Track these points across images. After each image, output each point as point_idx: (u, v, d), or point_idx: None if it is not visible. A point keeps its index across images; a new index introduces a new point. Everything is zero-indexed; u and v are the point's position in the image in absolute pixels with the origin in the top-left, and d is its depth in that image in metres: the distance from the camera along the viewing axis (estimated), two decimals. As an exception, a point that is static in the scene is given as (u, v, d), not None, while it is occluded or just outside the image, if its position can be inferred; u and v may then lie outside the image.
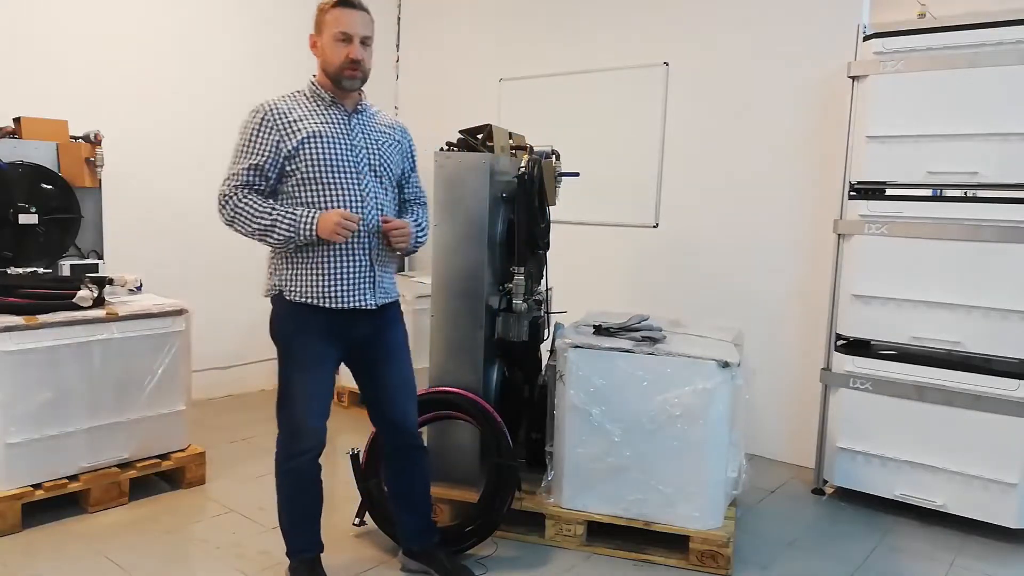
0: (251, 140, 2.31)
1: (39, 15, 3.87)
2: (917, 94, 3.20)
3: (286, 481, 2.48)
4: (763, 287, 4.01)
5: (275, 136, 2.29)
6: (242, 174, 2.30)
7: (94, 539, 2.88)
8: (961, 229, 3.13)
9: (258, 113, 2.32)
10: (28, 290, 3.01)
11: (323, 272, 2.33)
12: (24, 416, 2.90)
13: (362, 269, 2.37)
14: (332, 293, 2.33)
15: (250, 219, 2.27)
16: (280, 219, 2.26)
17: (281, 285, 2.37)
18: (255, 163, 2.30)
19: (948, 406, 3.19)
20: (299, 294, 2.34)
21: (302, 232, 2.25)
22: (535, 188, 3.08)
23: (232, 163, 2.33)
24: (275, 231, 2.26)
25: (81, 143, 3.59)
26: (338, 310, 2.35)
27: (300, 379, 2.40)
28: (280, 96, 2.37)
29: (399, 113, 5.71)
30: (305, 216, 2.26)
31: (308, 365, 2.40)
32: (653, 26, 4.36)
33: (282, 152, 2.30)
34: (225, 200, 2.30)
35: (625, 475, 2.88)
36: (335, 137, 2.34)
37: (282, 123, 2.31)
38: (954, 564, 2.96)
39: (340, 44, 2.31)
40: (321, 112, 2.37)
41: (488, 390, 3.07)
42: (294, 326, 2.38)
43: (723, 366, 2.80)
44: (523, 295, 3.05)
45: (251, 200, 2.28)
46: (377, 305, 2.42)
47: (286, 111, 2.32)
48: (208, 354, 4.40)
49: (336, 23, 2.31)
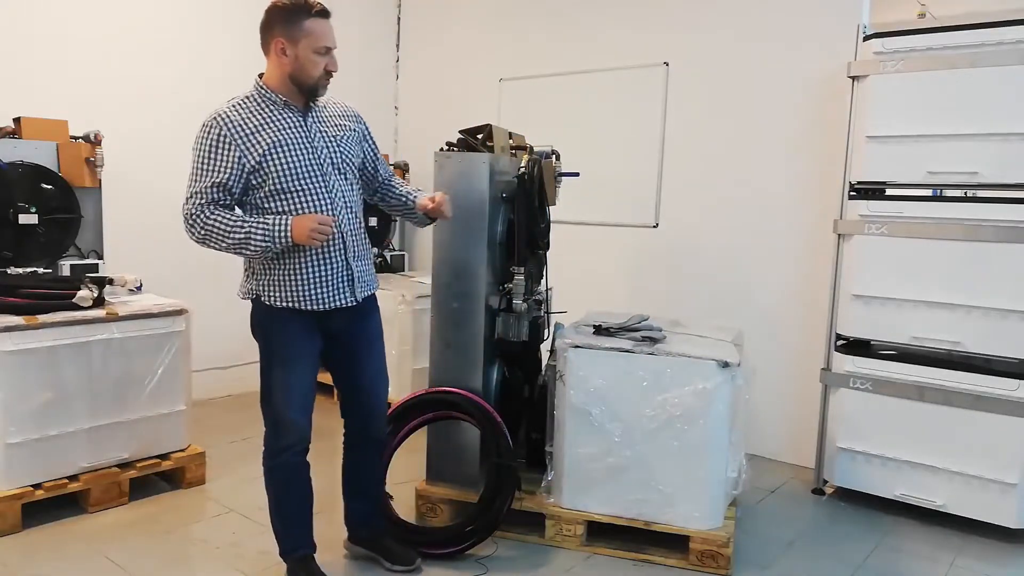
0: (210, 157, 2.26)
1: (39, 15, 3.87)
2: (917, 94, 3.20)
3: (273, 479, 2.50)
4: (763, 287, 4.01)
5: (235, 152, 2.25)
6: (206, 192, 2.26)
7: (94, 539, 2.88)
8: (961, 229, 3.13)
9: (213, 128, 2.26)
10: (28, 290, 3.00)
11: (301, 277, 2.34)
12: (24, 416, 2.90)
13: (339, 269, 2.39)
14: (311, 296, 2.36)
15: (223, 235, 2.25)
16: (253, 230, 2.24)
17: (258, 290, 2.39)
18: (218, 181, 2.26)
19: (948, 406, 3.19)
20: (278, 299, 2.36)
21: (277, 240, 2.25)
22: (535, 188, 3.08)
23: (193, 181, 2.28)
24: (250, 243, 2.25)
25: (81, 143, 3.59)
26: (311, 311, 2.37)
27: (280, 373, 2.42)
28: (229, 105, 2.31)
29: (399, 113, 5.72)
30: (279, 224, 2.24)
31: (288, 359, 2.42)
32: (653, 26, 4.36)
33: (245, 167, 2.27)
34: (193, 220, 2.27)
35: (625, 475, 2.88)
36: (296, 143, 2.32)
37: (240, 136, 2.26)
38: (954, 564, 2.96)
39: (320, 57, 2.29)
40: (277, 118, 2.32)
41: (488, 390, 3.07)
42: (273, 325, 2.41)
43: (723, 366, 2.80)
44: (523, 295, 3.05)
45: (219, 216, 2.26)
46: (358, 301, 2.45)
47: (241, 122, 2.27)
48: (208, 354, 4.39)
49: (318, 36, 2.28)
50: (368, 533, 2.77)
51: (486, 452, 2.92)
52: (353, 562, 2.78)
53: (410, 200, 2.65)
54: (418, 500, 3.08)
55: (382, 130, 5.30)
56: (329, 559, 2.68)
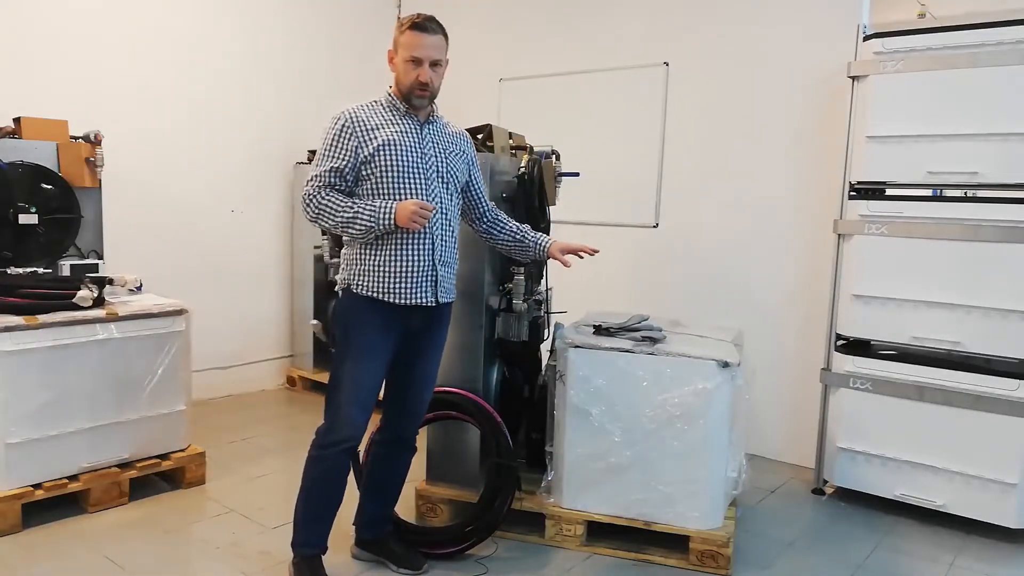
0: (332, 145, 2.46)
1: (39, 15, 3.87)
2: (917, 94, 3.20)
3: (315, 468, 2.56)
4: (763, 287, 4.01)
5: (354, 142, 2.45)
6: (324, 175, 2.46)
7: (94, 539, 2.88)
8: (961, 229, 3.13)
9: (339, 120, 2.47)
10: (28, 290, 3.00)
11: (389, 269, 2.48)
12: (24, 416, 2.90)
13: (424, 268, 2.51)
14: (395, 289, 2.48)
15: (334, 213, 2.43)
16: (361, 211, 2.41)
17: (350, 279, 2.52)
18: (335, 166, 2.45)
19: (948, 406, 3.19)
20: (365, 288, 2.49)
21: (381, 220, 2.40)
22: (535, 188, 3.08)
23: (315, 165, 2.49)
24: (357, 221, 2.41)
25: (81, 143, 3.59)
26: (399, 305, 2.48)
27: (352, 366, 2.51)
28: (360, 104, 2.52)
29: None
30: (384, 206, 2.41)
31: (362, 354, 2.52)
32: (653, 26, 4.36)
33: (360, 157, 2.46)
34: (309, 199, 2.46)
35: (625, 475, 2.88)
36: (407, 145, 2.49)
37: (361, 130, 2.46)
38: (954, 564, 2.96)
39: (411, 66, 2.46)
40: (396, 121, 2.51)
41: (488, 390, 3.07)
42: (356, 317, 2.52)
43: (723, 366, 2.80)
44: (523, 295, 3.05)
45: (333, 197, 2.45)
46: (437, 302, 2.55)
47: (364, 119, 2.48)
48: (208, 354, 4.40)
49: (409, 47, 2.46)
50: (373, 535, 2.79)
51: (486, 452, 2.92)
52: (356, 564, 2.78)
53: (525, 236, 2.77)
54: (418, 500, 3.08)
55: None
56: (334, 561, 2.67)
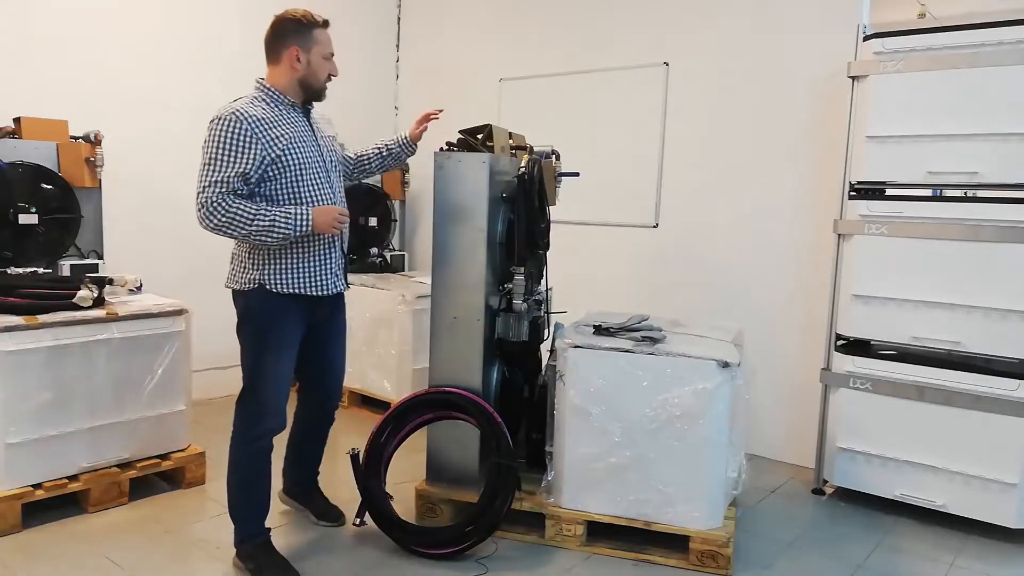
0: (233, 148, 2.40)
1: (39, 15, 3.87)
2: (917, 94, 3.20)
3: (249, 464, 2.64)
4: (763, 287, 4.01)
5: (258, 145, 2.43)
6: (228, 181, 2.40)
7: (94, 539, 2.88)
8: (961, 229, 3.13)
9: (234, 122, 2.41)
10: (28, 290, 3.00)
11: (308, 265, 2.58)
12: (24, 416, 2.90)
13: (337, 259, 2.68)
14: (319, 282, 2.61)
15: (246, 222, 2.41)
16: (277, 218, 2.43)
17: (263, 279, 2.55)
18: (241, 170, 2.42)
19: (948, 406, 3.19)
20: (286, 285, 2.55)
21: (299, 227, 2.45)
22: (535, 188, 3.08)
23: (212, 170, 2.41)
24: (275, 230, 2.43)
25: (81, 143, 3.59)
26: (313, 296, 2.58)
27: (274, 360, 2.60)
28: (241, 103, 2.49)
29: (399, 113, 5.72)
30: (301, 213, 2.46)
31: (281, 347, 2.63)
32: (653, 26, 4.36)
33: (266, 159, 2.46)
34: (214, 207, 2.39)
35: (625, 475, 2.88)
36: (308, 142, 2.59)
37: (260, 130, 2.44)
38: (954, 564, 2.96)
39: (327, 63, 2.60)
40: (287, 117, 2.55)
41: (488, 390, 3.07)
42: (275, 314, 2.58)
43: (723, 366, 2.80)
44: (523, 295, 3.05)
45: (242, 204, 2.42)
46: (347, 287, 2.76)
47: (258, 118, 2.46)
48: (208, 354, 4.38)
49: (326, 43, 2.59)
50: (301, 490, 3.10)
51: (486, 452, 2.92)
52: (356, 564, 2.78)
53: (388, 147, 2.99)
54: (418, 500, 3.08)
55: (382, 130, 5.30)
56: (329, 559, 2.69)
